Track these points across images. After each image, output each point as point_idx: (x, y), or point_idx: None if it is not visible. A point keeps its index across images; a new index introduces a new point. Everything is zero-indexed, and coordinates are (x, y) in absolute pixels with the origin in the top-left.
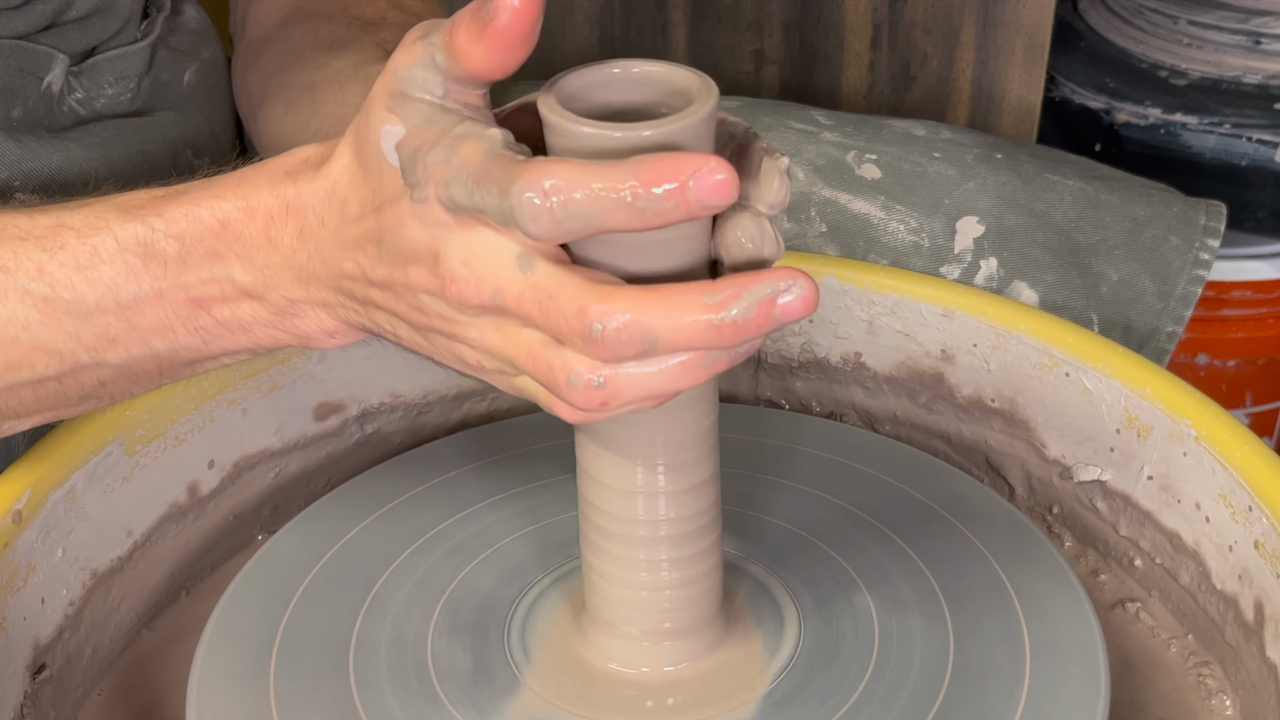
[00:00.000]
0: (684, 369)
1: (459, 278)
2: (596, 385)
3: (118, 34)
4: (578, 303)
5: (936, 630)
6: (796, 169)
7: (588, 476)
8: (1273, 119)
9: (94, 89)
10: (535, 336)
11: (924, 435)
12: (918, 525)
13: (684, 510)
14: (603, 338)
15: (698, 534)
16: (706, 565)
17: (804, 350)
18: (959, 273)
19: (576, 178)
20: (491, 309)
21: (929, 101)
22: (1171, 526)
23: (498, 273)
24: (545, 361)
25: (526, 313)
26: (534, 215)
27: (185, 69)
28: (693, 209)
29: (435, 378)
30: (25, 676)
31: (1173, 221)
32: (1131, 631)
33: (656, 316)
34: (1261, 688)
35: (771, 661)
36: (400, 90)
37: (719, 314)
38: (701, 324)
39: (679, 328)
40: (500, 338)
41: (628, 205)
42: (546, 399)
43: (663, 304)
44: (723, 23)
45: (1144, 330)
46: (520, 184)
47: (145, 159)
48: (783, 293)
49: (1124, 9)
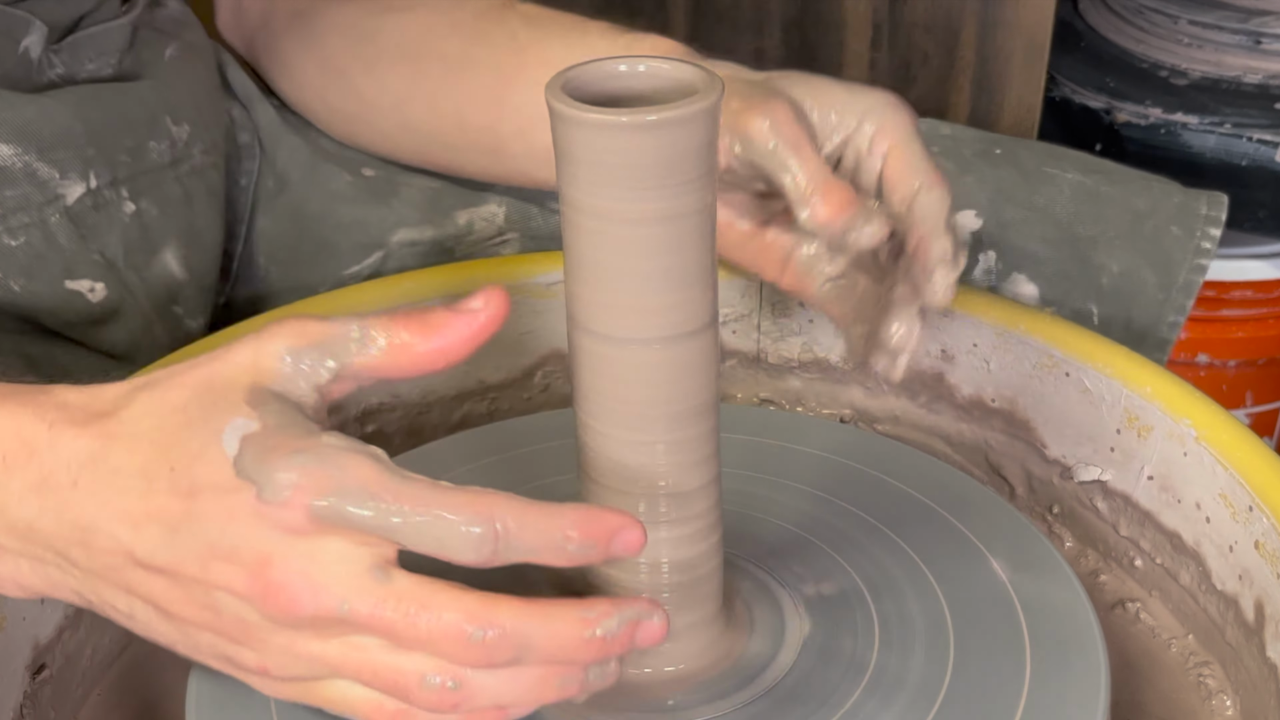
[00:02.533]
0: (539, 683)
1: (290, 586)
2: (452, 688)
3: (97, 10)
4: (459, 609)
5: (936, 630)
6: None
7: (588, 479)
8: (1273, 119)
9: (75, 64)
10: (375, 643)
11: (924, 435)
12: (918, 525)
13: (684, 513)
14: (483, 642)
15: (698, 536)
16: (707, 568)
17: (804, 350)
18: None
19: (525, 519)
20: (328, 620)
21: (929, 101)
22: (1172, 526)
23: (346, 583)
24: (391, 667)
25: (385, 621)
26: (476, 545)
27: (167, 46)
28: (606, 557)
29: (435, 378)
30: (25, 676)
31: (1173, 212)
32: (1131, 631)
33: (535, 625)
34: (1261, 688)
35: (772, 661)
36: (270, 387)
37: (589, 630)
38: (574, 637)
39: (553, 636)
40: (322, 646)
41: (560, 548)
42: (370, 709)
43: (541, 614)
44: (723, 23)
45: (1146, 321)
46: (464, 514)
47: (123, 119)
48: (645, 619)
49: (1124, 9)
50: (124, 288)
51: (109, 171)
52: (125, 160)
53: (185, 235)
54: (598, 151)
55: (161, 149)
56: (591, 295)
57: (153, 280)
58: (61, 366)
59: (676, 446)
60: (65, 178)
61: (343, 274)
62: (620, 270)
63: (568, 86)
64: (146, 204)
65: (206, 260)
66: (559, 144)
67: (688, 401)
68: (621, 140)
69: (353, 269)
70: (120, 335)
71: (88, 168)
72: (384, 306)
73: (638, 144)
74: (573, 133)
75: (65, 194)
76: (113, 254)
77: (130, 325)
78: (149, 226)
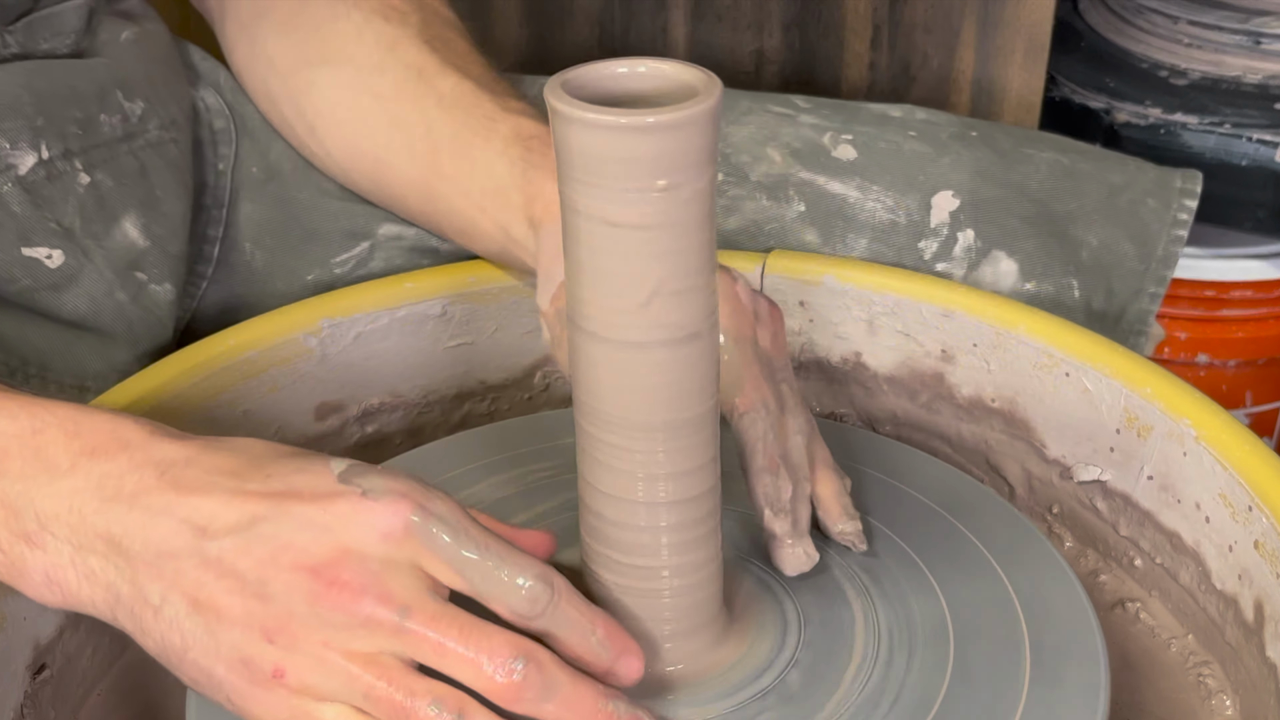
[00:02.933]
0: None
1: (358, 585)
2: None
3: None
4: (506, 636)
5: (936, 630)
6: (774, 151)
7: (588, 484)
8: (1273, 119)
9: (30, 43)
10: (397, 665)
11: (924, 435)
12: (917, 525)
13: (685, 517)
14: (522, 673)
15: (698, 541)
16: (707, 571)
17: (804, 350)
18: (936, 247)
19: (574, 595)
20: (380, 626)
21: (929, 101)
22: (1171, 526)
23: (409, 595)
24: (405, 685)
25: (434, 637)
26: (532, 599)
27: (123, 31)
28: (609, 668)
29: (435, 378)
30: (25, 676)
31: (1149, 186)
32: (1131, 631)
33: (565, 677)
34: (1261, 688)
35: (772, 661)
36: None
37: (607, 703)
38: (592, 703)
39: (576, 692)
40: (350, 656)
41: (586, 635)
42: None
43: (572, 670)
44: (723, 23)
45: (1126, 293)
46: (531, 569)
47: (71, 91)
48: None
49: (1124, 9)
50: (82, 254)
51: (60, 143)
52: (76, 132)
53: (145, 204)
54: (597, 152)
55: (114, 122)
56: (591, 297)
57: (112, 247)
58: (24, 340)
59: (677, 451)
60: (16, 148)
61: (330, 261)
62: (619, 272)
63: (568, 86)
64: (101, 176)
65: (170, 227)
66: (559, 144)
67: (688, 405)
68: (621, 141)
69: (339, 257)
70: (81, 301)
71: (38, 138)
72: (386, 307)
73: (638, 145)
74: (573, 133)
75: (17, 164)
76: (69, 223)
77: (92, 291)
78: (105, 197)
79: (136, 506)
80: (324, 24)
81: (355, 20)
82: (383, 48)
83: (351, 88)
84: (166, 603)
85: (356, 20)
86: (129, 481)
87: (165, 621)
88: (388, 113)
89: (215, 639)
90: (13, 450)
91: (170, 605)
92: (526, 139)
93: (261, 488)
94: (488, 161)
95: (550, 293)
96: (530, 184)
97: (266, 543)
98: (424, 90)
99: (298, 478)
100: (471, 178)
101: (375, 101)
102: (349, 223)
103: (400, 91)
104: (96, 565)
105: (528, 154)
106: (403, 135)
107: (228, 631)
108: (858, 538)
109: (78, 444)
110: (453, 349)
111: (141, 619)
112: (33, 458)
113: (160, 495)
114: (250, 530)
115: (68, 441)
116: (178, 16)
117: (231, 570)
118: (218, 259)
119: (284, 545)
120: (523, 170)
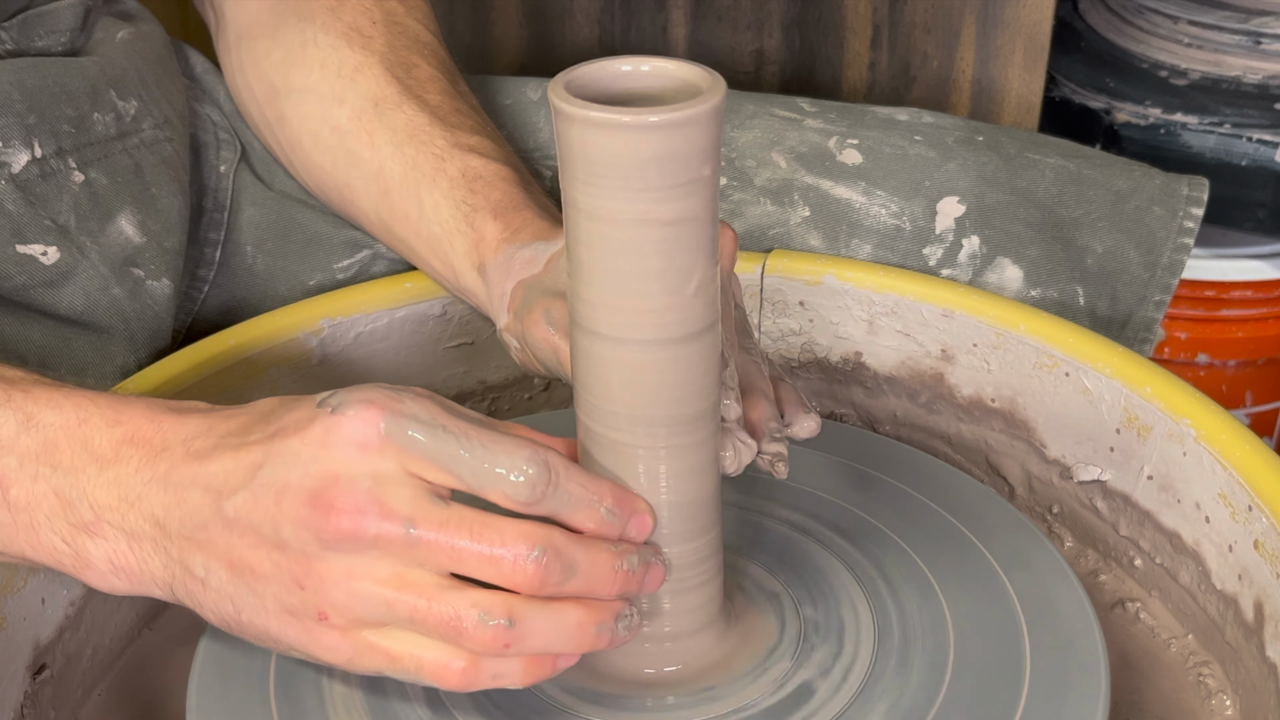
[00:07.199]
0: (579, 629)
1: (355, 506)
2: (506, 626)
3: None
4: (518, 528)
5: (937, 630)
6: (778, 156)
7: None
8: (1273, 119)
9: (24, 40)
10: (431, 580)
11: (924, 435)
12: (918, 525)
13: (685, 520)
14: (540, 561)
15: (699, 545)
16: (708, 571)
17: (804, 350)
18: (941, 253)
19: (573, 471)
20: (391, 542)
21: (929, 101)
22: (1171, 526)
23: (412, 505)
24: (447, 601)
25: (448, 542)
26: (531, 483)
27: (119, 31)
28: (623, 534)
29: (435, 378)
30: (25, 676)
31: (1155, 193)
32: (1131, 631)
33: (579, 550)
34: (1261, 687)
35: (772, 662)
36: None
37: (618, 562)
38: (608, 564)
39: (593, 561)
40: (378, 580)
41: (594, 507)
42: (438, 669)
43: (583, 541)
44: (723, 23)
45: (1131, 300)
46: (524, 452)
47: (62, 90)
48: (653, 563)
49: (1124, 9)
50: (78, 251)
51: (53, 141)
52: (69, 130)
53: (140, 201)
54: (600, 151)
55: (107, 121)
56: (592, 295)
57: (108, 244)
58: (23, 337)
59: (678, 450)
60: (9, 145)
61: (333, 266)
62: (621, 271)
63: (571, 85)
64: (96, 174)
65: (166, 223)
66: (561, 143)
67: (689, 404)
68: (624, 140)
69: (342, 262)
70: (78, 298)
71: (30, 136)
72: (386, 307)
73: (640, 144)
74: (575, 132)
75: (10, 162)
76: (64, 220)
77: (87, 287)
78: (100, 194)
79: (169, 485)
80: (294, 50)
81: (322, 45)
82: (344, 77)
83: (314, 118)
84: (210, 573)
85: (323, 45)
86: (162, 462)
87: (214, 591)
88: (345, 146)
89: (259, 597)
90: (61, 442)
91: (214, 575)
92: (472, 180)
93: (259, 436)
94: (434, 204)
95: (504, 306)
96: (473, 229)
97: (268, 489)
98: (378, 125)
99: (288, 417)
100: (420, 220)
101: (334, 135)
102: (351, 233)
103: (357, 125)
104: (150, 549)
105: (471, 195)
106: (359, 171)
107: (266, 587)
108: (779, 459)
109: (119, 432)
110: (453, 349)
111: (196, 594)
112: (80, 449)
113: (185, 469)
114: (254, 480)
115: (109, 430)
116: (179, 19)
117: (249, 525)
118: (219, 262)
119: (282, 487)
120: (466, 214)
